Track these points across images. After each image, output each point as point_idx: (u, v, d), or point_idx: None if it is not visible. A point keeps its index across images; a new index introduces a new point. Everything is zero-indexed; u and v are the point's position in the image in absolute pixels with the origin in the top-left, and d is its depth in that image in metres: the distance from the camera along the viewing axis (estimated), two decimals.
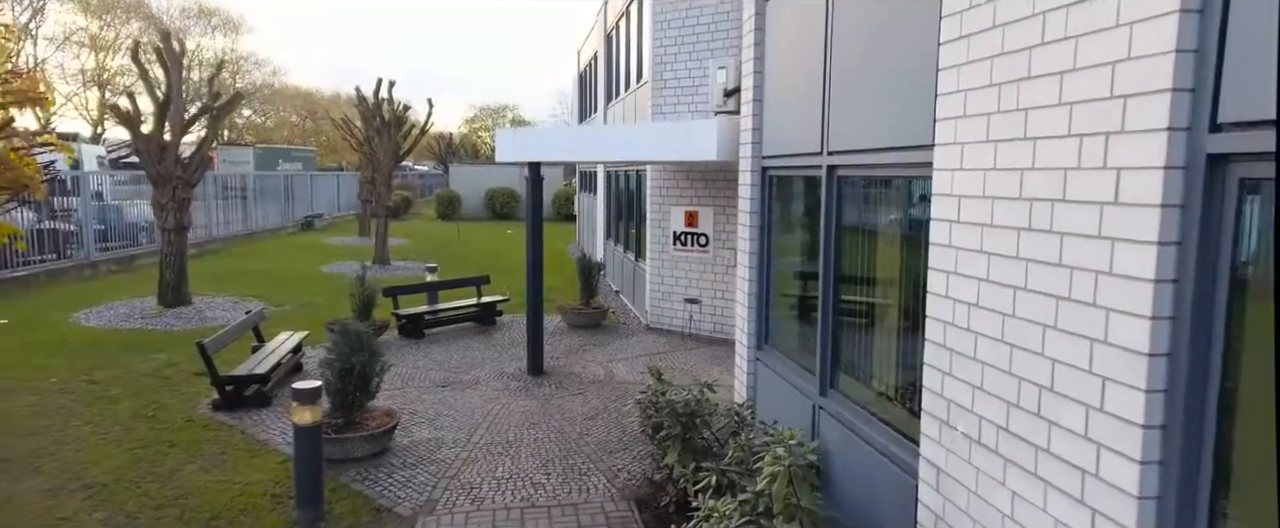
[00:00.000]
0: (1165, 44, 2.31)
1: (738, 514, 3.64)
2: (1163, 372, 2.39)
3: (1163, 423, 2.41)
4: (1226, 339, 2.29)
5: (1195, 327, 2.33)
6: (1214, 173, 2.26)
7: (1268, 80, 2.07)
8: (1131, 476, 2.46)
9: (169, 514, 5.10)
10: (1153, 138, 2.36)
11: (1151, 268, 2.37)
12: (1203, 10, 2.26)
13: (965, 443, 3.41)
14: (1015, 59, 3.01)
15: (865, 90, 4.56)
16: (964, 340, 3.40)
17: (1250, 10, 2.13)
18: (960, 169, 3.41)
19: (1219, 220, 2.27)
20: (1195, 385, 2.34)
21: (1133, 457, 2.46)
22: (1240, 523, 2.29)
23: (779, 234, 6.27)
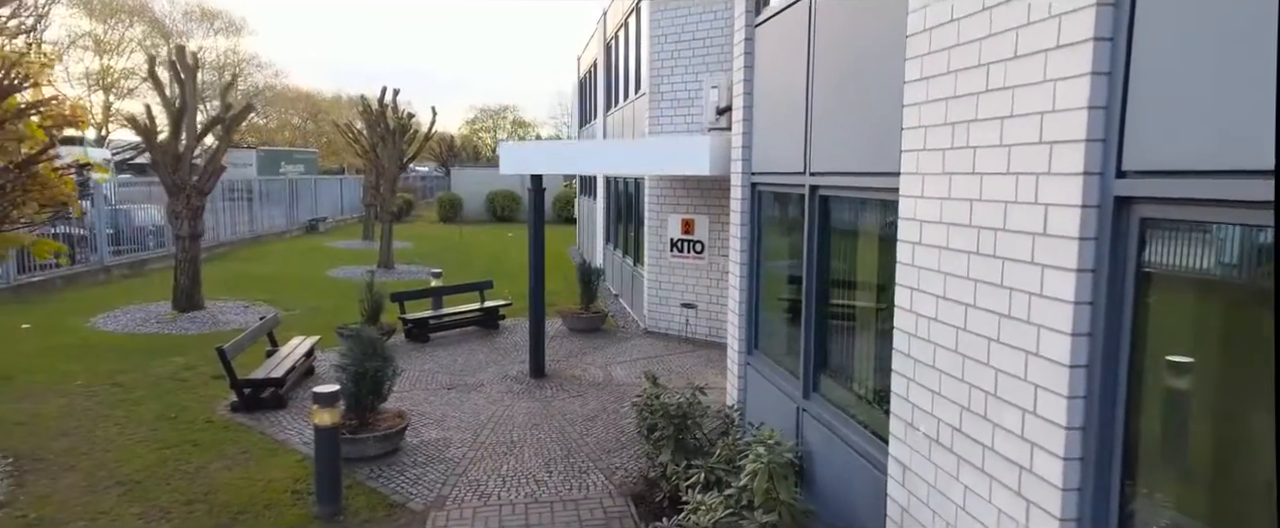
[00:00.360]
0: (1080, 100, 2.70)
1: (722, 507, 4.03)
2: (1082, 380, 2.78)
3: (1082, 425, 2.80)
4: (1131, 353, 2.67)
5: (1107, 342, 2.72)
6: (1120, 212, 2.65)
7: (1163, 135, 2.46)
8: (1057, 470, 2.85)
9: (199, 509, 5.49)
10: (1072, 180, 2.75)
11: (1072, 291, 2.76)
12: (1110, 72, 2.65)
13: (926, 443, 3.80)
14: (965, 102, 3.39)
15: (843, 117, 4.95)
16: (925, 350, 3.79)
17: (1148, 73, 2.52)
18: (922, 197, 3.79)
19: (1125, 252, 2.66)
20: (1107, 392, 2.73)
21: (1058, 454, 2.84)
22: (1143, 510, 2.68)
23: (767, 246, 6.66)
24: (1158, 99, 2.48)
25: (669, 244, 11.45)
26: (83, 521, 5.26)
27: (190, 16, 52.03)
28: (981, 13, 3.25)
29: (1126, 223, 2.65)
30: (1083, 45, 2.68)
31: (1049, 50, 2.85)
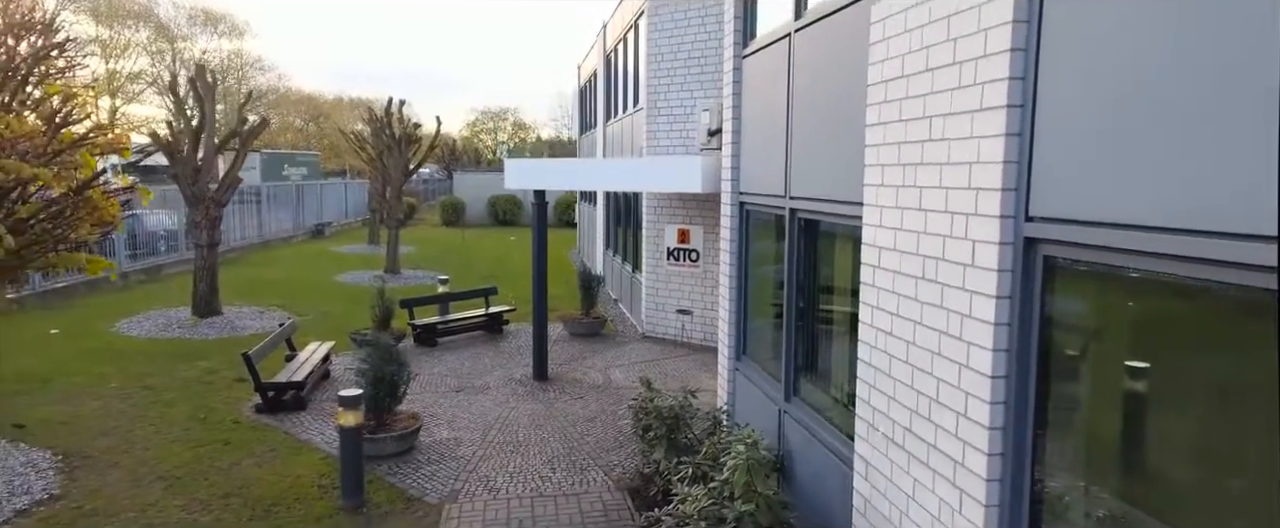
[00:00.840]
0: (997, 156, 3.24)
1: (707, 498, 4.57)
2: (1002, 388, 3.33)
3: (1002, 426, 3.34)
4: (1038, 367, 3.22)
5: (1020, 358, 3.26)
6: (1029, 249, 3.20)
7: (1058, 189, 3.01)
8: (983, 464, 3.40)
9: (235, 502, 6.05)
10: (993, 221, 3.30)
11: (992, 314, 3.31)
12: (1020, 134, 3.20)
13: (885, 442, 4.34)
14: (913, 148, 3.94)
15: (817, 148, 5.50)
16: (883, 360, 4.33)
17: (1046, 138, 3.07)
18: (880, 226, 4.34)
19: (1032, 284, 3.21)
20: (1021, 398, 3.27)
21: (983, 450, 3.39)
22: (1050, 497, 3.23)
23: (754, 259, 7.21)
24: (1053, 160, 3.03)
25: (666, 253, 11.99)
26: (132, 512, 5.81)
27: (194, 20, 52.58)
28: (925, 73, 3.80)
29: (1033, 258, 3.19)
30: (999, 110, 3.23)
31: (975, 112, 3.40)
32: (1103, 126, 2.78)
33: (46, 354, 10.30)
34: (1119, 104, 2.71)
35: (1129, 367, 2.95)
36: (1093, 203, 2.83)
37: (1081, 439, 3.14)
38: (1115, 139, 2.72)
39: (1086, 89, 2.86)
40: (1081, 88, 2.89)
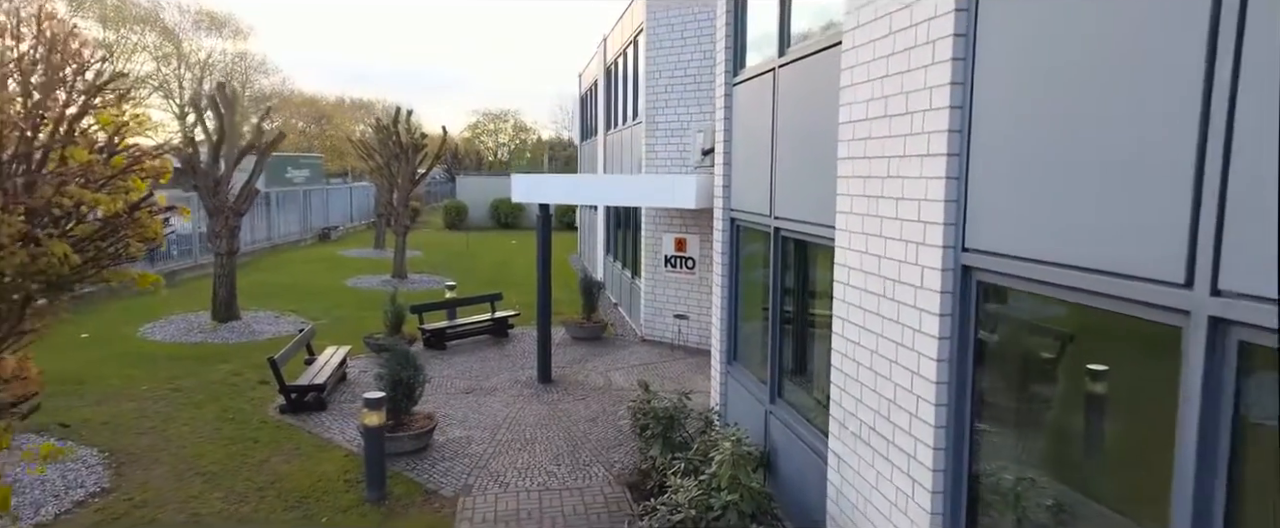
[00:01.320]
0: (940, 195, 3.83)
1: (697, 488, 5.15)
2: (945, 393, 3.91)
3: (945, 424, 3.92)
4: (974, 374, 3.80)
5: (959, 366, 3.84)
6: (965, 275, 3.78)
7: (984, 226, 3.59)
8: (930, 457, 3.98)
9: (270, 494, 6.63)
10: (938, 250, 3.88)
11: (937, 329, 3.89)
12: (959, 178, 3.78)
13: (853, 439, 4.93)
14: (874, 182, 4.52)
15: (797, 173, 6.08)
16: (852, 367, 4.92)
17: (976, 183, 3.65)
18: (849, 248, 4.92)
19: (968, 303, 3.79)
20: (960, 402, 3.86)
21: (930, 445, 3.97)
22: (984, 485, 3.81)
23: (744, 271, 7.79)
24: (981, 201, 3.62)
25: (663, 260, 12.57)
26: (177, 503, 6.40)
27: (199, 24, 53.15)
28: (884, 118, 4.39)
29: (969, 283, 3.77)
30: (941, 157, 3.81)
31: (923, 156, 3.98)
32: (1015, 178, 3.37)
33: (79, 358, 10.87)
34: (1025, 164, 3.30)
35: (1042, 375, 3.53)
36: (1009, 240, 3.41)
37: (1006, 435, 3.73)
38: (1022, 190, 3.31)
39: (1005, 145, 3.45)
40: (1001, 144, 3.48)
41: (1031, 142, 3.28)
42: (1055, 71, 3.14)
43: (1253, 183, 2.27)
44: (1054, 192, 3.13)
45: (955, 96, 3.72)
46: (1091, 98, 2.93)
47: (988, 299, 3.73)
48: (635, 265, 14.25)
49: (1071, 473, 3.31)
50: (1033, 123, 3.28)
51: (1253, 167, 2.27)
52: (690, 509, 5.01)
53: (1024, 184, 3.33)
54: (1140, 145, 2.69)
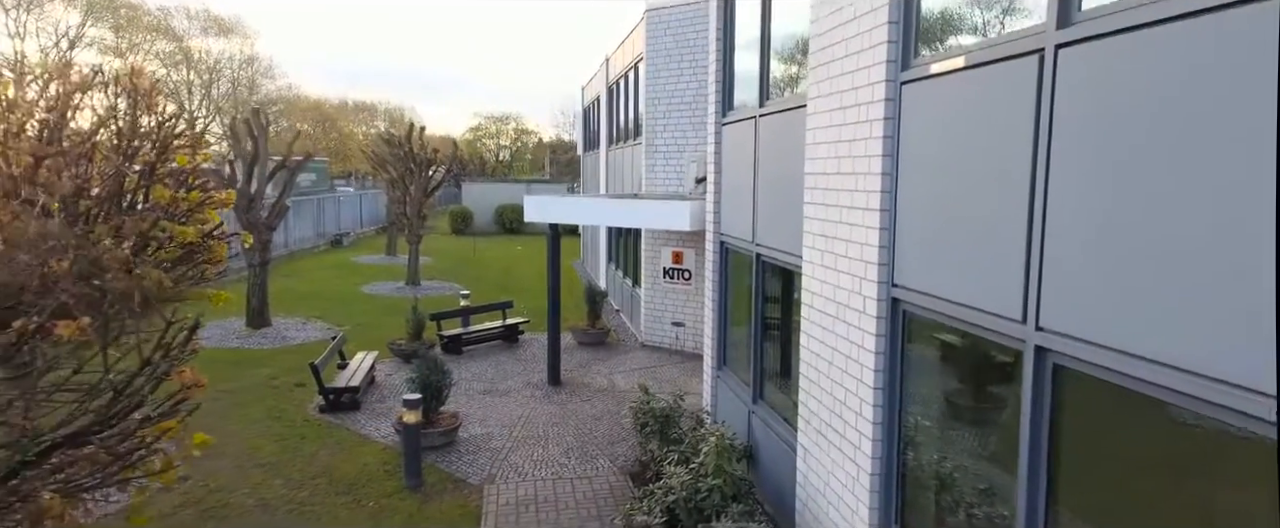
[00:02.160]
0: (876, 240, 4.88)
1: (688, 475, 6.20)
2: (881, 396, 4.97)
3: (882, 421, 4.98)
4: (901, 382, 4.86)
5: (890, 375, 4.90)
6: (893, 306, 4.84)
7: (905, 266, 4.65)
8: (870, 448, 5.04)
9: (322, 482, 7.69)
10: (875, 284, 4.94)
11: (874, 345, 4.95)
12: (890, 229, 4.84)
13: (816, 434, 5.99)
14: (832, 226, 5.58)
15: (773, 207, 7.14)
16: (815, 375, 5.98)
17: (902, 231, 4.71)
18: (813, 276, 5.98)
19: (896, 326, 4.85)
20: (891, 404, 4.92)
21: (870, 437, 5.03)
22: (910, 470, 4.87)
23: (732, 289, 8.85)
24: (903, 247, 4.68)
25: (662, 272, 13.63)
26: (246, 489, 7.46)
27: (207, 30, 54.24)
28: (837, 174, 5.45)
29: (897, 311, 4.84)
30: (876, 212, 4.87)
31: (865, 209, 5.04)
32: (922, 234, 4.44)
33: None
34: (927, 224, 4.37)
35: (943, 384, 4.60)
36: (921, 279, 4.48)
37: (924, 431, 4.79)
38: (926, 243, 4.38)
39: (916, 208, 4.52)
40: (914, 207, 4.55)
41: (929, 208, 4.35)
42: (943, 161, 4.22)
43: (1060, 252, 3.34)
44: (943, 246, 4.20)
45: (887, 166, 4.79)
46: (964, 185, 4.01)
47: (910, 325, 4.79)
48: (636, 275, 15.30)
49: (965, 454, 4.37)
50: (930, 194, 4.35)
51: (1060, 242, 3.34)
52: (681, 492, 6.07)
53: (927, 239, 4.40)
54: (992, 222, 3.76)
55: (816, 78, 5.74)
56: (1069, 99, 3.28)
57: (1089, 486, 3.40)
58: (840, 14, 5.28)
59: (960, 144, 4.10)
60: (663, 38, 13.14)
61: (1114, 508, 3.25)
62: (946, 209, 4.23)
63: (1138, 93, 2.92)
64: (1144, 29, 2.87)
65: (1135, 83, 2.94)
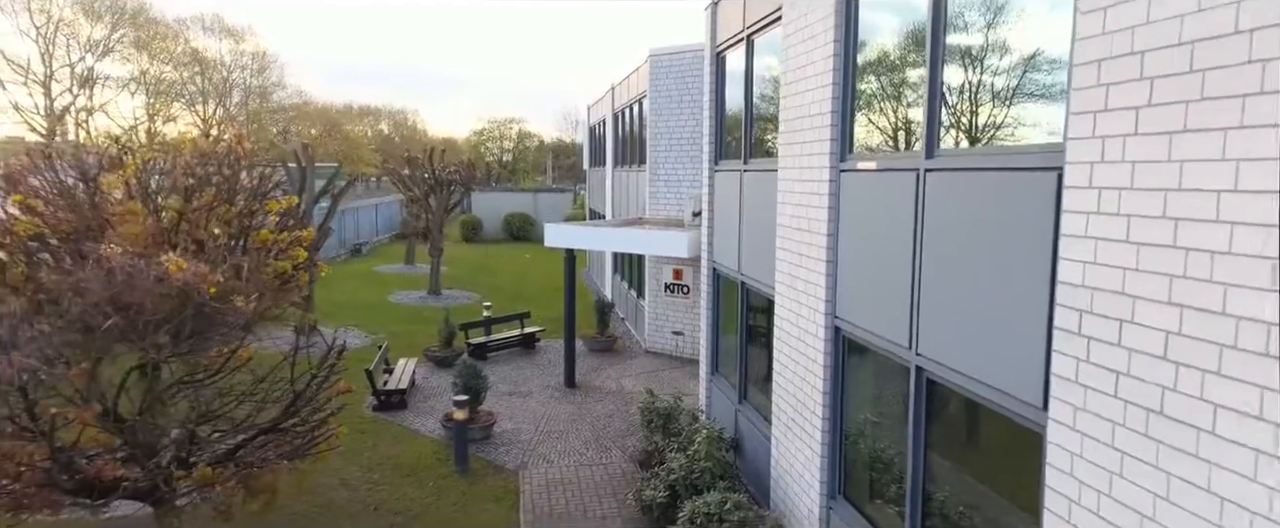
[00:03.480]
0: (822, 281, 6.63)
1: (685, 459, 7.93)
2: (828, 397, 6.72)
3: (829, 417, 6.73)
4: (841, 388, 6.61)
5: (833, 384, 6.65)
6: (836, 332, 6.59)
7: (842, 302, 6.40)
8: (819, 436, 6.79)
9: (388, 466, 9.44)
10: (823, 315, 6.68)
11: (822, 360, 6.70)
12: (832, 274, 6.59)
13: (785, 427, 7.73)
14: (793, 266, 7.32)
15: (755, 246, 8.87)
16: (783, 380, 7.72)
17: (841, 276, 6.46)
18: (783, 304, 7.72)
19: (838, 347, 6.59)
20: (834, 404, 6.66)
21: (820, 428, 6.78)
22: (849, 452, 6.62)
23: (723, 308, 10.58)
24: (841, 288, 6.42)
25: (664, 286, 15.36)
26: (329, 472, 9.20)
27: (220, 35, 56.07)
28: (798, 229, 7.19)
29: (839, 336, 6.58)
30: (822, 261, 6.61)
31: (817, 258, 6.78)
32: (852, 279, 6.19)
33: None
34: (854, 272, 6.11)
35: (867, 390, 6.34)
36: (852, 313, 6.23)
37: (855, 423, 6.54)
38: (854, 286, 6.13)
39: (848, 259, 6.27)
40: (847, 258, 6.29)
41: (857, 262, 6.10)
42: (864, 231, 5.96)
43: (932, 301, 5.09)
44: (865, 290, 5.95)
45: (831, 228, 6.53)
46: (876, 248, 5.75)
47: (846, 346, 6.54)
48: (640, 287, 17.04)
49: (881, 439, 6.11)
50: (857, 252, 6.09)
51: (932, 294, 5.08)
52: (680, 472, 7.81)
53: (856, 284, 6.15)
54: (892, 277, 5.50)
55: (785, 152, 7.48)
56: (932, 202, 5.03)
57: (944, 449, 5.15)
58: (801, 113, 7.03)
59: (874, 220, 5.85)
60: (664, 80, 14.87)
61: (957, 460, 5.00)
62: (867, 265, 5.98)
63: (954, 205, 4.68)
64: (957, 172, 4.63)
65: (951, 197, 4.69)
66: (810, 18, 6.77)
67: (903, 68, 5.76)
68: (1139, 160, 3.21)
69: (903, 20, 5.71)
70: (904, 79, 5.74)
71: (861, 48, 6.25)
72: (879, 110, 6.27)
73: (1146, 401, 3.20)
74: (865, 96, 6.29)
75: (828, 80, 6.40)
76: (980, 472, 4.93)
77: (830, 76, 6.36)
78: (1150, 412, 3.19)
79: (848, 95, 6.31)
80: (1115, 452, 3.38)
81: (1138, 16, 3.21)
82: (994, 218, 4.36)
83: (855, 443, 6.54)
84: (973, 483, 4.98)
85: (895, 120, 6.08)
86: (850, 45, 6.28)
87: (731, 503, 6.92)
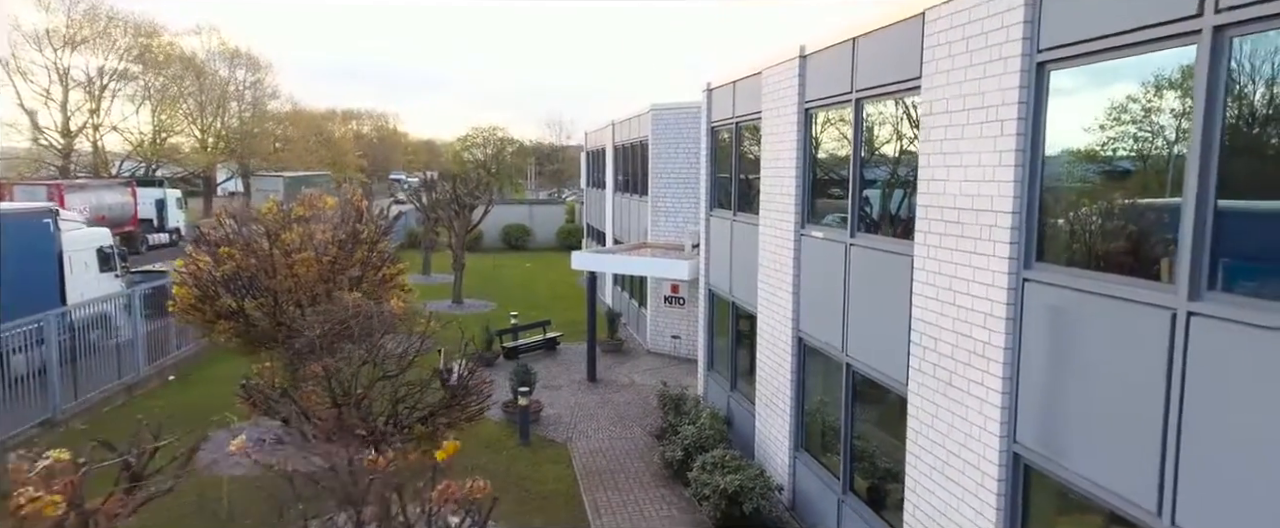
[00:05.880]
0: (789, 304, 9.94)
1: (694, 428, 11.20)
2: (794, 386, 10.04)
3: (795, 397, 10.05)
4: (803, 378, 9.93)
5: (797, 376, 9.97)
6: (800, 342, 9.90)
7: (803, 319, 9.73)
8: (788, 409, 10.10)
9: (472, 442, 12.59)
10: (790, 328, 9.99)
11: (789, 358, 10.02)
12: (795, 300, 9.90)
13: (765, 405, 11.04)
14: (771, 292, 10.63)
15: (742, 275, 12.16)
16: (764, 374, 11.03)
17: (802, 299, 9.78)
18: (764, 319, 11.03)
19: (801, 351, 9.91)
20: (798, 390, 9.98)
21: (788, 410, 10.10)
22: (808, 420, 9.95)
23: (716, 319, 13.87)
24: (802, 308, 9.75)
25: (663, 299, 18.62)
26: None
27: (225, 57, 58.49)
28: (774, 269, 10.51)
29: (801, 344, 9.89)
30: (789, 292, 9.93)
31: (785, 289, 10.10)
32: (809, 302, 9.52)
33: None
34: (810, 297, 9.44)
35: (819, 380, 9.67)
36: (809, 326, 9.55)
37: (812, 402, 9.87)
38: (810, 307, 9.46)
39: (806, 288, 9.60)
40: (807, 287, 9.63)
41: (810, 291, 9.43)
42: (815, 272, 9.28)
43: (857, 315, 8.43)
44: (814, 310, 9.28)
45: (795, 269, 9.83)
46: (821, 284, 9.08)
47: (805, 351, 9.84)
48: (642, 298, 20.28)
49: (826, 411, 9.43)
50: (812, 286, 9.41)
51: (853, 312, 8.42)
52: (691, 437, 11.08)
53: (810, 306, 9.47)
54: (828, 301, 8.83)
55: (764, 214, 10.76)
56: (854, 262, 8.34)
57: (862, 414, 8.48)
58: (775, 190, 10.33)
59: (821, 268, 9.16)
60: (664, 130, 18.14)
61: (869, 420, 8.35)
62: (818, 296, 9.29)
63: (865, 265, 8.01)
64: (866, 248, 7.96)
65: (864, 261, 8.02)
66: (780, 122, 10.06)
67: (837, 167, 9.08)
68: (938, 257, 6.53)
69: (840, 142, 9.03)
70: (838, 176, 9.06)
71: (817, 147, 9.55)
72: (825, 194, 9.58)
73: (944, 378, 6.51)
74: (818, 185, 9.60)
75: (793, 173, 9.69)
76: (881, 424, 8.25)
77: (794, 169, 9.65)
78: (946, 385, 6.50)
79: (806, 182, 9.60)
80: (933, 405, 6.70)
81: (935, 187, 6.52)
82: (885, 277, 7.66)
83: (811, 414, 9.86)
84: (876, 431, 8.30)
85: (833, 206, 9.39)
86: (807, 148, 9.56)
87: (729, 456, 10.19)
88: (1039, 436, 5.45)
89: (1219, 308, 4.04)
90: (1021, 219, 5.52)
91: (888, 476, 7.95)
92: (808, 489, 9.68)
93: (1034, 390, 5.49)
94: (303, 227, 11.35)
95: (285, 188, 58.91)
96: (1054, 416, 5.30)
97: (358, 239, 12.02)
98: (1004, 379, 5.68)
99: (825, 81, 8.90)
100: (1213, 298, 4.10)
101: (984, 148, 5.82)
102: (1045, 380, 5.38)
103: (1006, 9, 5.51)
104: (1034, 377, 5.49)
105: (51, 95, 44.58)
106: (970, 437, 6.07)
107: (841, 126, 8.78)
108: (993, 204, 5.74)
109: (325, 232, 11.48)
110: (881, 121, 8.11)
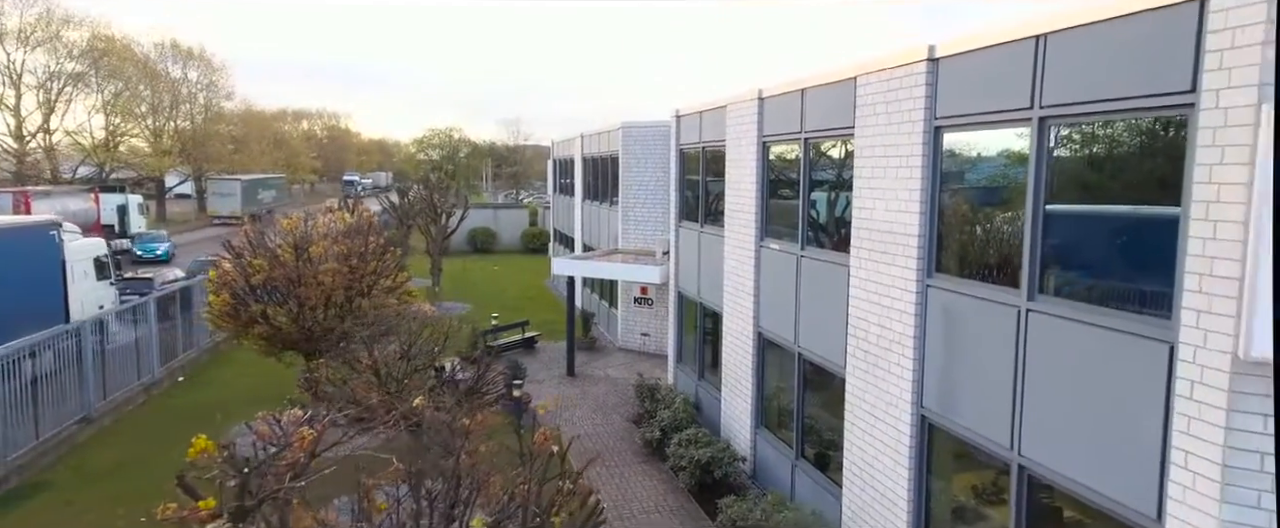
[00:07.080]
0: (750, 305, 11.83)
1: (669, 412, 12.99)
2: (754, 374, 11.92)
3: (755, 384, 11.94)
4: (763, 369, 11.82)
5: (757, 367, 11.85)
6: (760, 336, 11.79)
7: (764, 317, 11.63)
8: (751, 394, 11.99)
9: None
10: (752, 325, 11.88)
11: (751, 351, 11.90)
12: (757, 301, 11.79)
13: (730, 390, 12.91)
14: (736, 296, 12.52)
15: (709, 280, 14.02)
16: (730, 364, 12.90)
17: (763, 298, 11.67)
18: (729, 319, 12.89)
19: (761, 346, 11.80)
20: (759, 376, 11.87)
21: (749, 392, 11.99)
22: (767, 402, 11.86)
23: (685, 318, 15.70)
24: (763, 306, 11.64)
25: (633, 299, 20.40)
26: None
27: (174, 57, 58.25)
28: (738, 275, 12.39)
29: (762, 338, 11.77)
30: (750, 294, 11.81)
31: (747, 293, 11.98)
32: (769, 303, 11.42)
33: None
34: (769, 299, 11.35)
35: (775, 368, 11.57)
36: (768, 324, 11.45)
37: (770, 387, 11.77)
38: (770, 308, 11.36)
39: (766, 292, 11.51)
40: (766, 291, 11.53)
41: (768, 293, 11.32)
42: (772, 278, 11.18)
43: (807, 313, 10.34)
44: (771, 309, 11.17)
45: (756, 276, 11.71)
46: (777, 286, 10.98)
47: (765, 346, 11.73)
48: (612, 299, 22.03)
49: (782, 396, 11.32)
50: (769, 288, 11.30)
51: (804, 311, 10.33)
52: (667, 420, 12.88)
53: (769, 305, 11.36)
54: (784, 301, 10.73)
55: (729, 227, 12.62)
56: (805, 270, 10.24)
57: (811, 395, 10.40)
58: (737, 207, 12.20)
59: (778, 274, 11.04)
60: (634, 146, 19.93)
61: (816, 401, 10.27)
62: (775, 298, 11.17)
63: (814, 273, 9.92)
64: (814, 259, 9.89)
65: (813, 269, 9.94)
66: (743, 151, 11.92)
67: (790, 192, 10.97)
68: (868, 268, 8.44)
69: (792, 171, 10.93)
70: (791, 199, 10.96)
71: (773, 173, 11.42)
72: (780, 213, 11.47)
73: (872, 361, 8.42)
74: (774, 206, 11.49)
75: (753, 193, 11.56)
76: (825, 404, 10.15)
77: (754, 190, 11.51)
78: (873, 365, 8.41)
79: (764, 202, 11.48)
80: (864, 382, 8.61)
81: (865, 213, 8.43)
82: (829, 282, 9.55)
83: (769, 398, 11.76)
84: (822, 411, 10.21)
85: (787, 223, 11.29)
86: (764, 173, 11.43)
87: (701, 434, 12.02)
88: (938, 400, 7.39)
89: (1047, 305, 6.00)
90: (925, 240, 7.44)
91: (830, 445, 9.86)
92: (766, 457, 11.57)
93: (935, 367, 7.43)
94: (328, 241, 12.84)
95: (243, 192, 58.93)
96: (948, 384, 7.24)
97: (370, 250, 13.56)
98: (914, 360, 7.60)
99: (780, 121, 10.79)
100: (1043, 299, 6.05)
101: (899, 185, 7.73)
102: (942, 360, 7.31)
103: (914, 86, 7.43)
104: (935, 358, 7.42)
105: (4, 100, 44.35)
106: (890, 405, 8.00)
107: (793, 158, 10.68)
108: (905, 228, 7.66)
109: (344, 244, 12.99)
110: (826, 156, 10.02)
